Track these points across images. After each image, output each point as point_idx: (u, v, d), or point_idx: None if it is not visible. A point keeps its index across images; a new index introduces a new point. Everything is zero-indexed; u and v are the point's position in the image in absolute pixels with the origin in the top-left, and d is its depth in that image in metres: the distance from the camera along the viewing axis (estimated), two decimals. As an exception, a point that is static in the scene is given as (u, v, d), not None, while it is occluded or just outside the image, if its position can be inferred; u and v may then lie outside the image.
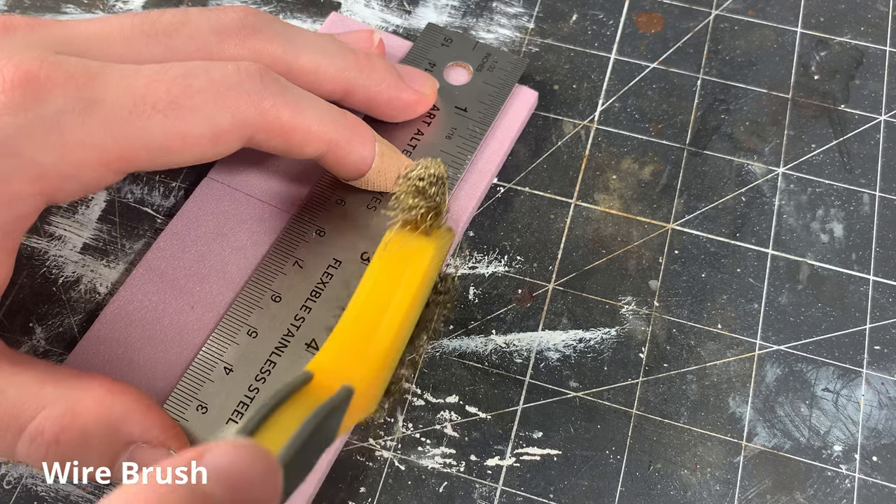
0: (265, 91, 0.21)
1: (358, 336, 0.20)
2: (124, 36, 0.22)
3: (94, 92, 0.20)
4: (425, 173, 0.22)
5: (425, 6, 0.32)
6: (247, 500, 0.14)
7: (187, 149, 0.21)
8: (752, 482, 0.24)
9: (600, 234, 0.27)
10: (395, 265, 0.21)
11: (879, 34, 0.31)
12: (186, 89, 0.20)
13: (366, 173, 0.24)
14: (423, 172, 0.22)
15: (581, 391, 0.25)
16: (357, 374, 0.19)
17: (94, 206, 0.28)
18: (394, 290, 0.21)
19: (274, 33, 0.24)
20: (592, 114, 0.30)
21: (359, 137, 0.24)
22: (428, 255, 0.22)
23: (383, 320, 0.20)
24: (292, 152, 0.23)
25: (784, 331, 0.26)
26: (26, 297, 0.26)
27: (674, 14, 0.32)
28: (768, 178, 0.28)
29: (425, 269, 0.21)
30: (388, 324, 0.20)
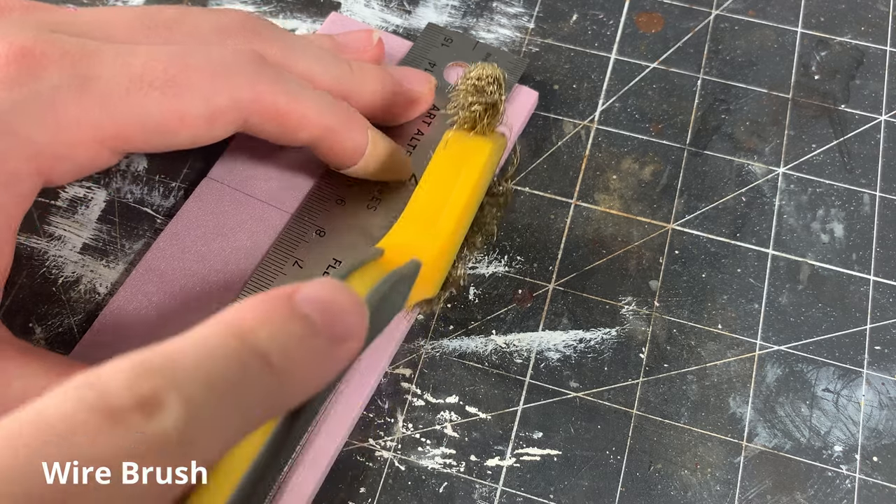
0: (262, 75, 0.22)
1: (424, 219, 0.22)
2: (123, 25, 0.22)
3: (91, 69, 0.20)
4: (483, 73, 0.23)
5: (425, 6, 0.32)
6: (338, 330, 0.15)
7: (184, 128, 0.21)
8: (752, 482, 0.24)
9: (600, 235, 0.27)
10: (456, 159, 0.23)
11: (880, 34, 0.31)
12: (184, 68, 0.20)
13: (358, 161, 0.24)
14: (482, 73, 0.23)
15: (581, 391, 0.25)
16: (424, 253, 0.21)
17: (93, 207, 0.28)
18: (454, 182, 0.23)
19: (273, 38, 0.24)
20: (592, 114, 0.30)
21: (352, 124, 0.24)
22: (485, 152, 0.23)
23: (446, 206, 0.22)
24: (286, 137, 0.23)
25: (784, 331, 0.26)
26: (26, 297, 0.26)
27: (674, 14, 0.32)
28: (768, 178, 0.28)
29: (483, 164, 0.23)
30: (451, 209, 0.22)
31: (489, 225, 0.26)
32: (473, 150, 0.23)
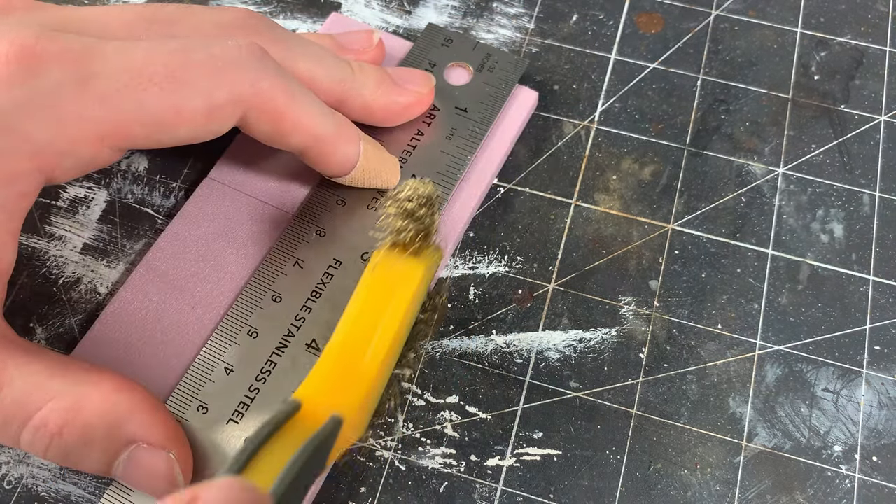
0: (264, 70, 0.22)
1: (345, 362, 0.20)
2: (124, 21, 0.22)
3: (91, 65, 0.20)
4: (414, 194, 0.21)
5: (425, 6, 0.32)
6: None
7: (182, 123, 0.21)
8: (752, 482, 0.24)
9: (600, 235, 0.27)
10: (384, 288, 0.21)
11: (879, 34, 0.32)
12: (184, 63, 0.20)
13: (350, 172, 0.24)
14: (412, 193, 0.21)
15: (581, 391, 0.25)
16: (345, 402, 0.19)
17: (94, 207, 0.28)
18: (381, 314, 0.21)
19: (274, 37, 0.24)
20: (593, 114, 0.30)
21: (345, 136, 0.24)
22: (417, 278, 0.21)
23: (371, 346, 0.20)
24: (278, 140, 0.23)
25: (784, 331, 0.26)
26: (27, 298, 0.26)
27: (674, 14, 0.32)
28: (768, 179, 0.29)
29: (413, 291, 0.21)
30: (376, 349, 0.20)
31: (420, 346, 0.24)
32: (404, 275, 0.21)
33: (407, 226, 0.21)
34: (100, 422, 0.20)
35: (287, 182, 0.27)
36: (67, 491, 0.23)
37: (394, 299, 0.21)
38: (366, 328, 0.20)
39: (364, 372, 0.20)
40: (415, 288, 0.21)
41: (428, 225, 0.21)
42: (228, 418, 0.22)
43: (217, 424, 0.22)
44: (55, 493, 0.23)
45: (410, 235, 0.21)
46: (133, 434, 0.20)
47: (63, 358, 0.21)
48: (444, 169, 0.27)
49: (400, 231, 0.21)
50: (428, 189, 0.21)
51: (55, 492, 0.23)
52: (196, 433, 0.22)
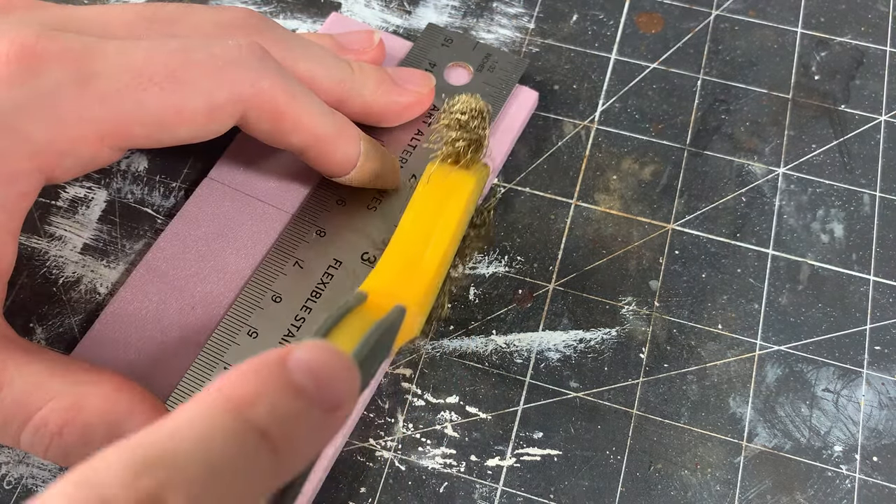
0: (264, 70, 0.22)
1: (405, 261, 0.22)
2: (125, 20, 0.22)
3: (91, 65, 0.20)
4: (466, 107, 0.22)
5: (425, 6, 0.32)
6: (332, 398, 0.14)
7: (182, 123, 0.21)
8: (752, 482, 0.24)
9: (601, 235, 0.27)
10: (438, 196, 0.23)
11: (880, 34, 0.32)
12: (185, 63, 0.20)
13: (350, 172, 0.24)
14: (465, 107, 0.22)
15: (581, 391, 0.25)
16: (406, 296, 0.20)
17: (94, 207, 0.28)
18: (437, 219, 0.22)
19: (275, 37, 0.24)
20: (593, 114, 0.30)
21: (345, 136, 0.24)
22: (469, 187, 0.23)
23: (428, 246, 0.22)
24: (278, 139, 0.23)
25: (784, 331, 0.26)
26: (26, 298, 0.26)
27: (674, 14, 0.32)
28: (768, 179, 0.28)
29: (466, 199, 0.23)
30: (433, 249, 0.22)
31: (470, 257, 0.26)
32: (457, 185, 0.23)
33: (460, 136, 0.22)
34: (100, 422, 0.20)
35: (287, 182, 0.27)
36: (67, 491, 0.23)
37: (448, 206, 0.22)
38: (423, 231, 0.22)
39: (422, 270, 0.21)
40: (467, 196, 0.23)
41: (479, 136, 0.23)
42: (228, 418, 0.22)
43: (217, 424, 0.22)
44: (55, 494, 0.23)
45: (463, 146, 0.23)
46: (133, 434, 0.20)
47: (63, 358, 0.21)
48: (445, 169, 0.27)
49: (453, 142, 0.22)
50: (479, 103, 0.23)
51: (55, 492, 0.23)
52: (196, 433, 0.22)
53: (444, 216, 0.22)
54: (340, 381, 0.14)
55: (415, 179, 0.26)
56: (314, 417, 0.14)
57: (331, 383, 0.14)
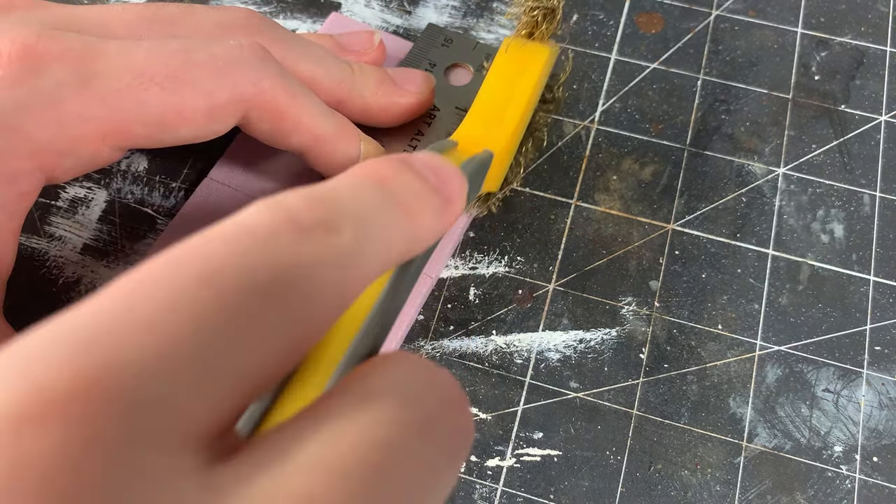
0: (265, 70, 0.22)
1: (490, 116, 0.24)
2: (125, 20, 0.22)
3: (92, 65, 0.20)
4: None
5: (425, 6, 0.32)
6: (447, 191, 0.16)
7: (183, 123, 0.21)
8: (752, 483, 0.24)
9: (601, 235, 0.27)
10: (515, 64, 0.25)
11: (880, 34, 0.31)
12: (185, 62, 0.20)
13: None
14: None
15: (581, 392, 0.25)
16: (492, 145, 0.23)
17: (94, 207, 0.28)
18: (516, 83, 0.25)
19: (276, 37, 0.24)
20: (593, 114, 0.30)
21: (345, 137, 0.24)
22: (543, 57, 0.25)
23: (510, 105, 0.24)
24: (278, 139, 0.23)
25: (784, 331, 0.26)
26: (26, 298, 0.26)
27: (674, 14, 0.32)
28: (769, 179, 0.28)
29: (541, 68, 0.25)
30: (514, 107, 0.24)
31: (540, 132, 0.28)
32: (532, 54, 0.25)
33: (536, 5, 0.25)
34: None
35: (287, 182, 0.27)
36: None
37: (525, 72, 0.25)
38: (504, 92, 0.25)
39: (504, 125, 0.24)
40: (542, 64, 0.25)
41: (555, 5, 0.25)
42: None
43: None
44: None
45: (539, 16, 0.25)
46: None
47: None
48: (445, 169, 0.27)
49: (531, 10, 0.25)
50: None
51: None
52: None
53: (522, 81, 0.25)
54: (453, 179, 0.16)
55: None
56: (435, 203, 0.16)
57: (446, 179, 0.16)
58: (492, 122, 0.24)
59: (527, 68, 0.25)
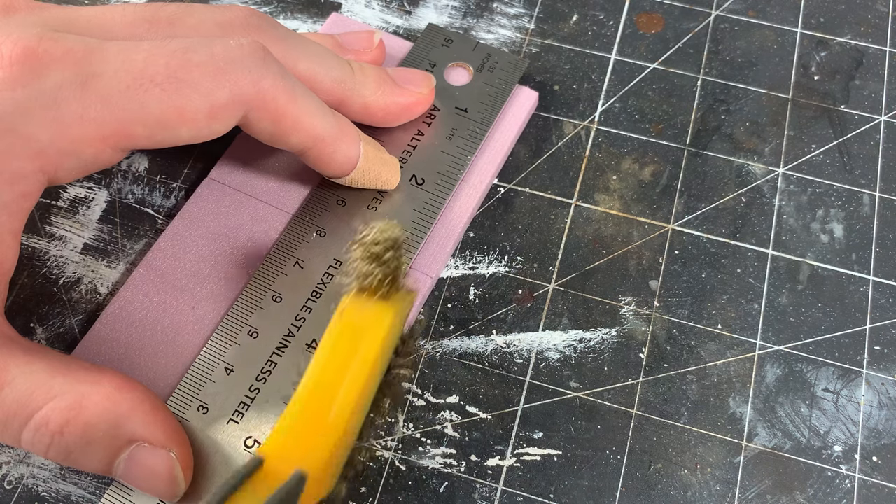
0: (265, 70, 0.22)
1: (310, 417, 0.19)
2: (126, 21, 0.22)
3: (93, 66, 0.20)
4: (381, 237, 0.20)
5: (426, 7, 0.32)
6: None
7: (184, 124, 0.21)
8: (752, 482, 0.24)
9: (600, 235, 0.27)
10: (352, 335, 0.20)
11: (879, 34, 0.32)
12: (185, 63, 0.20)
13: (350, 172, 0.24)
14: (379, 236, 0.20)
15: (581, 391, 0.25)
16: (310, 457, 0.19)
17: (94, 207, 0.28)
18: (349, 363, 0.20)
19: (276, 36, 0.24)
20: (593, 114, 0.30)
21: (345, 137, 0.24)
22: (386, 323, 0.20)
23: (337, 398, 0.19)
24: (278, 139, 0.23)
25: (784, 331, 0.26)
26: (27, 298, 0.26)
27: (674, 14, 0.32)
28: (768, 179, 0.29)
29: (383, 337, 0.20)
30: (343, 402, 0.19)
31: (396, 387, 0.23)
32: (373, 320, 0.20)
33: (374, 270, 0.20)
34: (101, 421, 0.20)
35: (287, 182, 0.27)
36: (68, 491, 0.23)
37: (362, 346, 0.20)
38: (332, 379, 0.19)
39: (330, 426, 0.19)
40: (384, 333, 0.20)
41: (395, 268, 0.21)
42: (229, 418, 0.22)
43: (217, 424, 0.22)
44: (55, 493, 0.23)
45: (378, 279, 0.20)
46: (134, 433, 0.20)
47: (64, 357, 0.21)
48: (445, 169, 0.27)
49: (367, 276, 0.20)
50: (395, 232, 0.21)
51: (55, 492, 0.23)
52: (196, 433, 0.22)
53: (357, 359, 0.20)
54: None
55: (415, 179, 0.26)
56: None
57: None
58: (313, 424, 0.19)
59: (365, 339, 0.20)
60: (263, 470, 0.18)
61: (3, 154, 0.19)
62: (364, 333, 0.20)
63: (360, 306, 0.20)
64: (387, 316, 0.20)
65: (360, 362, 0.20)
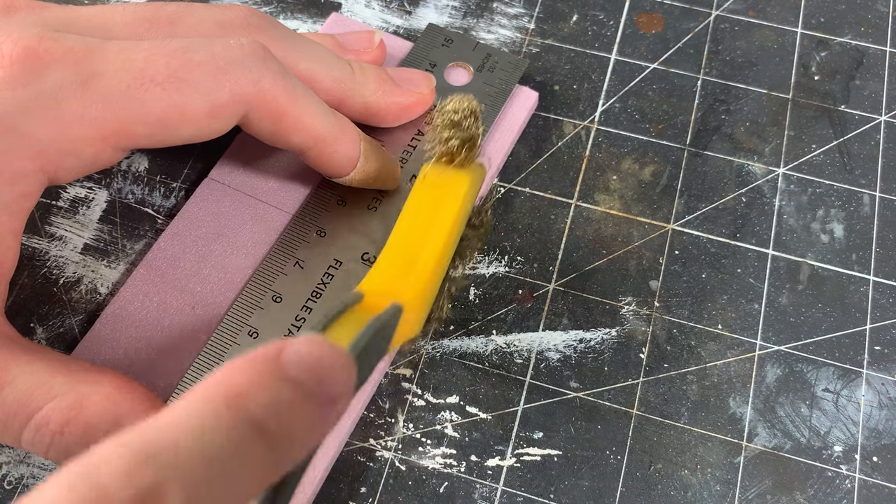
0: (266, 69, 0.22)
1: (402, 260, 0.21)
2: (126, 21, 0.22)
3: (93, 66, 0.20)
4: (459, 106, 0.22)
5: (426, 7, 0.32)
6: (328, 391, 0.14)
7: (184, 123, 0.21)
8: (752, 482, 0.24)
9: (601, 235, 0.27)
10: (434, 195, 0.23)
11: (879, 34, 0.32)
12: (186, 63, 0.20)
13: (350, 172, 0.24)
14: (458, 106, 0.22)
15: (581, 391, 0.25)
16: (403, 295, 0.20)
17: (94, 207, 0.28)
18: (433, 218, 0.22)
19: (277, 36, 0.24)
20: (593, 114, 0.30)
21: (345, 137, 0.24)
22: (464, 186, 0.23)
23: (425, 245, 0.22)
24: (278, 139, 0.23)
25: (784, 331, 0.26)
26: (27, 298, 0.26)
27: (674, 14, 0.32)
28: (768, 179, 0.29)
29: (462, 198, 0.23)
30: (430, 248, 0.22)
31: (469, 257, 0.25)
32: (452, 184, 0.23)
33: (454, 135, 0.22)
34: (101, 421, 0.20)
35: (287, 182, 0.27)
36: (68, 491, 0.23)
37: (444, 205, 0.22)
38: (419, 231, 0.22)
39: (419, 269, 0.21)
40: (462, 195, 0.23)
41: (473, 134, 0.23)
42: (229, 418, 0.22)
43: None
44: (55, 493, 0.23)
45: (457, 145, 0.23)
46: None
47: (65, 357, 0.21)
48: (445, 169, 0.27)
49: (447, 140, 0.22)
50: (472, 103, 0.23)
51: (55, 492, 0.23)
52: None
53: (440, 215, 0.22)
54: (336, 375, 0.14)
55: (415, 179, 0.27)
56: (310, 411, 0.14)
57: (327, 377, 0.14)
58: (405, 267, 0.21)
59: (445, 200, 0.22)
60: (362, 305, 0.19)
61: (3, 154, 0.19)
62: (445, 193, 0.23)
63: (440, 172, 0.23)
64: (464, 181, 0.23)
65: (442, 217, 0.22)
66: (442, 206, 0.22)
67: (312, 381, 0.14)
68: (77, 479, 0.11)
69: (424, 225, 0.22)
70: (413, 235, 0.22)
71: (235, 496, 0.12)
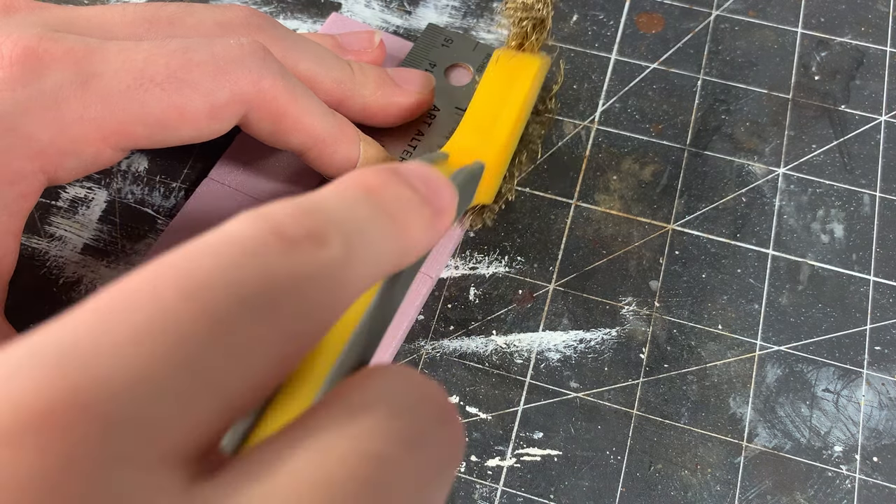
0: (265, 69, 0.22)
1: (481, 127, 0.24)
2: (126, 21, 0.22)
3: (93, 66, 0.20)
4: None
5: (426, 7, 0.32)
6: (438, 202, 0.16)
7: (184, 123, 0.21)
8: (752, 483, 0.24)
9: (601, 235, 0.27)
10: (507, 74, 0.25)
11: (880, 34, 0.32)
12: (186, 63, 0.20)
13: None
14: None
15: (581, 392, 0.25)
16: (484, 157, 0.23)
17: (94, 207, 0.28)
18: (507, 94, 0.25)
19: (276, 36, 0.24)
20: (593, 114, 0.30)
21: (345, 138, 0.24)
22: (534, 68, 0.26)
23: (500, 116, 0.25)
24: (278, 139, 0.23)
25: (784, 331, 0.26)
26: (27, 298, 0.26)
27: (674, 14, 0.32)
28: (769, 179, 0.29)
29: (532, 78, 0.25)
30: (505, 118, 0.25)
31: (534, 143, 0.28)
32: (523, 65, 0.26)
33: (526, 15, 0.25)
34: None
35: (287, 182, 0.27)
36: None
37: (516, 83, 0.25)
38: (495, 103, 0.25)
39: (495, 136, 0.24)
40: (533, 74, 0.26)
41: (544, 16, 0.25)
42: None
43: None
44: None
45: (529, 27, 0.25)
46: None
47: None
48: (445, 169, 0.27)
49: (521, 21, 0.25)
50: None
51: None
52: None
53: (512, 92, 0.25)
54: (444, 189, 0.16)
55: None
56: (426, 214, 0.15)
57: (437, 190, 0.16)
58: (483, 133, 0.24)
59: (517, 79, 0.25)
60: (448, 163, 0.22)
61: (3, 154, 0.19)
62: (517, 74, 0.26)
63: (511, 55, 0.26)
64: (533, 64, 0.26)
65: (514, 94, 0.25)
66: (514, 84, 0.25)
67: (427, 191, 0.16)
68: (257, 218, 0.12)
69: (499, 99, 0.25)
70: (489, 107, 0.25)
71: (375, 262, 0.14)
